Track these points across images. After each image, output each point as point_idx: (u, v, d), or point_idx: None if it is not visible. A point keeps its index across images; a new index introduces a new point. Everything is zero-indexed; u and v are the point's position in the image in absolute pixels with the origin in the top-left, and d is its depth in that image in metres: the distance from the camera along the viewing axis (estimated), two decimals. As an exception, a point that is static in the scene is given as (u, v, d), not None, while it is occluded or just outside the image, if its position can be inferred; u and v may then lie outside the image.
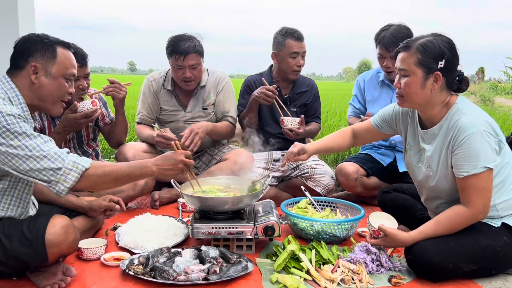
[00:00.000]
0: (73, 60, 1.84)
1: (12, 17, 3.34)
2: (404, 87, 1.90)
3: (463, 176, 1.82)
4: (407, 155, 2.15)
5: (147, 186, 2.79)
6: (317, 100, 3.29)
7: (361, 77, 3.29)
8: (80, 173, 1.66)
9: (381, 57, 2.94)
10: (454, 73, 1.89)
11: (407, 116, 2.12)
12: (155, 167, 1.82)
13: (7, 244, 1.63)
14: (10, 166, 1.61)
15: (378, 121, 2.25)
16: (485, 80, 30.80)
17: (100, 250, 2.03)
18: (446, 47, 1.84)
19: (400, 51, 1.92)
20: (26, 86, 1.74)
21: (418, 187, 2.16)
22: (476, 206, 1.82)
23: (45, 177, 1.63)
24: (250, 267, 1.90)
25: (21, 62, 1.74)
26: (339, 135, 2.43)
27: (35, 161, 1.61)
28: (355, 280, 1.85)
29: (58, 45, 1.79)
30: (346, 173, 2.91)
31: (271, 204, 2.33)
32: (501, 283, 1.91)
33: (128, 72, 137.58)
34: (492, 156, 1.80)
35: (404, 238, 1.89)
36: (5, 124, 1.59)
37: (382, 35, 2.88)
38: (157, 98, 3.08)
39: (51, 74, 1.75)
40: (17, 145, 1.60)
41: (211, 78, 3.10)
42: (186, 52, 2.81)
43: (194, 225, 2.06)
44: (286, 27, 3.11)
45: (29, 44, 1.76)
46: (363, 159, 3.04)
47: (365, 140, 2.48)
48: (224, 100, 3.09)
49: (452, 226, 1.86)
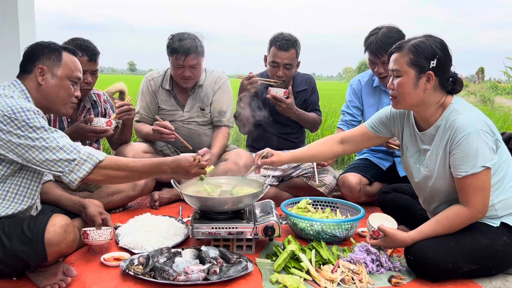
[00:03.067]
0: (78, 64, 1.95)
1: (12, 17, 3.34)
2: (397, 87, 1.91)
3: (461, 176, 1.82)
4: (403, 157, 2.15)
5: (147, 186, 2.80)
6: (315, 93, 3.25)
7: (355, 81, 3.12)
8: (94, 164, 1.72)
9: (371, 63, 2.84)
10: (446, 73, 1.90)
11: (403, 118, 2.12)
12: (170, 170, 1.89)
13: (7, 243, 1.63)
14: (26, 157, 1.68)
15: (375, 124, 2.21)
16: (485, 80, 30.81)
17: (106, 232, 2.00)
18: (438, 47, 1.86)
19: (393, 52, 1.93)
20: (34, 88, 1.85)
21: (416, 189, 2.16)
22: (475, 206, 1.82)
23: (60, 168, 1.70)
24: (250, 267, 1.90)
25: (29, 67, 1.86)
26: (321, 143, 2.35)
27: (51, 152, 1.69)
28: (355, 280, 1.85)
29: (64, 50, 1.92)
30: (349, 186, 2.87)
31: (271, 204, 2.34)
32: (501, 283, 1.91)
33: (128, 72, 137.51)
34: (490, 155, 1.80)
35: (403, 238, 1.90)
36: (25, 119, 1.68)
37: (370, 41, 2.77)
38: (155, 97, 3.09)
39: (57, 75, 1.87)
40: (35, 137, 1.68)
41: (209, 77, 3.11)
42: (187, 52, 2.82)
43: (194, 225, 2.06)
44: (280, 33, 3.03)
45: (36, 49, 1.88)
46: (364, 166, 3.00)
47: (356, 146, 2.31)
48: (221, 99, 3.09)
49: (451, 226, 1.86)
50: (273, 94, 2.93)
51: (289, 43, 2.96)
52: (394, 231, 1.93)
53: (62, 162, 1.69)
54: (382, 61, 2.74)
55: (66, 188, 2.28)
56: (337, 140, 2.30)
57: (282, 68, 2.99)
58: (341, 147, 2.30)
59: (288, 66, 3.00)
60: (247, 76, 2.96)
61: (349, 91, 3.14)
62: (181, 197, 2.62)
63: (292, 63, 3.00)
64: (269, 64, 3.04)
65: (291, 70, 3.02)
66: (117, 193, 2.65)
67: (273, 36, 3.03)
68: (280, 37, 2.98)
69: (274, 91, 2.94)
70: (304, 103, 3.20)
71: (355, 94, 3.09)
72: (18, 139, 1.67)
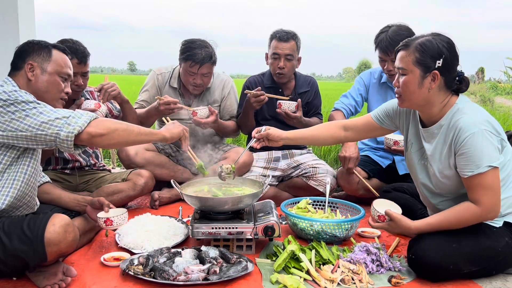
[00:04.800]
0: (68, 62, 1.97)
1: (12, 17, 3.34)
2: (402, 85, 1.91)
3: (467, 176, 1.81)
4: (407, 153, 2.15)
5: (147, 186, 2.79)
6: (318, 97, 3.28)
7: (366, 74, 3.19)
8: (90, 118, 1.73)
9: (381, 60, 2.88)
10: (453, 73, 1.89)
11: (409, 113, 2.12)
12: (164, 129, 2.03)
13: (7, 242, 1.63)
14: (22, 128, 1.67)
15: (381, 116, 2.21)
16: (485, 80, 30.82)
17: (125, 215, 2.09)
18: (444, 47, 1.84)
19: (400, 50, 1.92)
20: (24, 85, 1.86)
21: (417, 186, 2.16)
22: (486, 205, 1.81)
23: (56, 127, 1.67)
24: (250, 267, 1.90)
25: (19, 63, 1.87)
26: (323, 126, 2.34)
27: (46, 115, 1.69)
28: (355, 280, 1.85)
29: (54, 48, 1.94)
30: (347, 177, 2.90)
31: (271, 204, 2.33)
32: (501, 283, 1.91)
33: (128, 72, 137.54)
34: (495, 154, 1.79)
35: (408, 224, 1.89)
36: (17, 96, 1.70)
37: (380, 38, 2.81)
38: (160, 92, 3.10)
39: (46, 71, 1.88)
40: (29, 108, 1.69)
41: (216, 80, 3.16)
42: (202, 61, 2.84)
43: (194, 225, 2.06)
44: (279, 28, 3.07)
45: (26, 47, 1.91)
46: (363, 161, 3.02)
47: (358, 135, 2.31)
48: (231, 104, 3.18)
49: (458, 221, 1.85)
50: (285, 110, 2.89)
51: (289, 34, 3.00)
52: (401, 216, 1.92)
53: (58, 121, 1.68)
54: (392, 58, 2.76)
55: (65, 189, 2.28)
56: (340, 126, 2.30)
57: (283, 60, 2.99)
58: (343, 133, 2.29)
59: (289, 57, 3.00)
60: (253, 93, 2.87)
61: (358, 80, 3.19)
62: (181, 197, 2.62)
63: (293, 54, 3.01)
64: (271, 57, 3.05)
65: (291, 61, 3.03)
66: (117, 193, 2.65)
67: (273, 31, 3.06)
68: (279, 30, 3.03)
69: (285, 105, 2.89)
70: (306, 106, 3.20)
71: (364, 85, 3.14)
72: (12, 115, 1.67)
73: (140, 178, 2.75)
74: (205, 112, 2.83)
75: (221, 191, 2.29)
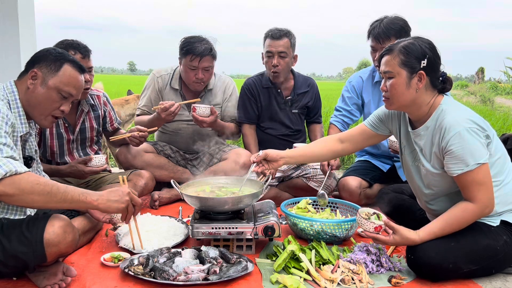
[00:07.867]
0: (77, 82, 1.88)
1: (12, 17, 3.34)
2: (390, 88, 1.94)
3: (456, 174, 1.83)
4: (403, 156, 2.15)
5: (147, 187, 2.80)
6: (318, 100, 3.29)
7: (355, 78, 3.08)
8: (5, 172, 1.48)
9: (373, 50, 2.82)
10: (437, 73, 1.93)
11: (400, 116, 2.14)
12: (96, 196, 1.67)
13: (6, 244, 1.62)
14: None
15: (374, 122, 2.21)
16: (485, 80, 30.81)
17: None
18: (427, 47, 1.90)
19: (384, 55, 1.96)
20: (23, 90, 1.82)
21: (414, 189, 2.16)
22: (481, 201, 1.82)
23: None
24: (250, 267, 1.90)
25: (28, 68, 1.84)
26: (321, 143, 2.34)
27: None
28: (355, 280, 1.85)
29: (68, 63, 1.85)
30: (349, 189, 2.86)
31: (271, 204, 2.33)
32: (501, 283, 1.91)
33: (128, 72, 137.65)
34: (482, 151, 1.81)
35: (413, 237, 1.86)
36: None
37: (373, 25, 2.77)
38: (161, 95, 3.08)
39: (46, 84, 1.82)
40: None
41: (218, 82, 3.15)
42: (202, 54, 2.84)
43: (194, 225, 2.06)
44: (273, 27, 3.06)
45: (42, 53, 1.85)
46: (364, 169, 2.99)
47: (356, 145, 2.28)
48: (233, 106, 3.18)
49: (459, 223, 1.85)
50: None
51: (282, 32, 2.99)
52: (404, 228, 1.89)
53: None
54: (383, 47, 2.72)
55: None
56: (336, 140, 2.30)
57: (277, 57, 2.98)
58: (340, 146, 2.28)
59: (282, 54, 2.99)
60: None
61: (348, 87, 3.09)
62: (181, 197, 2.62)
63: (287, 51, 2.99)
64: (265, 56, 3.06)
65: (285, 59, 3.01)
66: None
67: (266, 31, 3.06)
68: (272, 29, 3.03)
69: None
70: (306, 108, 3.20)
71: (354, 91, 3.06)
72: None
73: (140, 179, 2.75)
74: (205, 111, 2.82)
75: (221, 191, 2.29)
